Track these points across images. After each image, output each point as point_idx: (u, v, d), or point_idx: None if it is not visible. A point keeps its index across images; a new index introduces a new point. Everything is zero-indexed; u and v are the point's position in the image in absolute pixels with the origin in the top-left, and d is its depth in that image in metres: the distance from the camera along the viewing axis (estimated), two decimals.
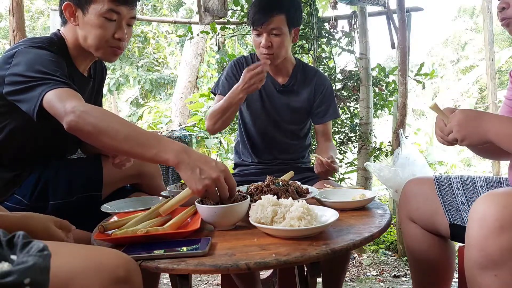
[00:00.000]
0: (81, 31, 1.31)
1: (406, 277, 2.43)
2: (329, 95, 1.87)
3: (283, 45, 1.71)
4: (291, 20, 1.71)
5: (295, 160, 1.90)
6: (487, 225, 0.87)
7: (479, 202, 0.92)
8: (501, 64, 9.71)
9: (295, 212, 0.96)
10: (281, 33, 1.69)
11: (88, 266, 0.72)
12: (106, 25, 1.28)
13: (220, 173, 1.00)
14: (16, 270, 0.41)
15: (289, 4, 1.70)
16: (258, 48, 1.74)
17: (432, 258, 1.34)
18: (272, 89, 1.85)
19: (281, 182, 1.28)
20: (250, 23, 1.71)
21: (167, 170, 3.15)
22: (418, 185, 1.37)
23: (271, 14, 1.65)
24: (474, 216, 0.91)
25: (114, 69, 9.33)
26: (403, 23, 2.66)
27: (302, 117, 1.88)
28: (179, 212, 1.12)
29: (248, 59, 1.91)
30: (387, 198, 3.66)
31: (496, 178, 1.32)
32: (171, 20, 4.93)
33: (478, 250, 0.89)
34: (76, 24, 1.31)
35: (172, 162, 1.01)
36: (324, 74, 2.07)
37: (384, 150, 2.96)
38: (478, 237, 0.89)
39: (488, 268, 0.87)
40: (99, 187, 1.40)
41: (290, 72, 1.86)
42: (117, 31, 1.31)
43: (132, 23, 1.38)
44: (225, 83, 1.86)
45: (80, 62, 1.39)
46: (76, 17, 1.30)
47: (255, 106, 1.85)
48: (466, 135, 1.03)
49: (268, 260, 0.83)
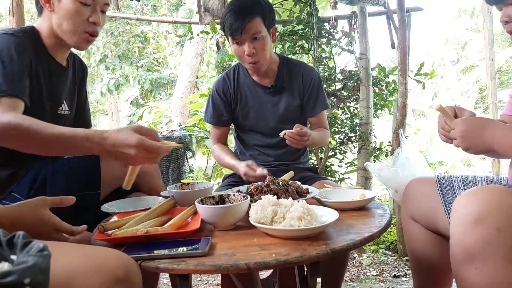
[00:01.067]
0: (56, 18, 1.33)
1: (406, 277, 2.43)
2: (317, 86, 1.86)
3: (266, 48, 1.70)
4: (267, 20, 1.70)
5: (294, 160, 1.90)
6: (464, 221, 0.91)
7: (458, 199, 0.96)
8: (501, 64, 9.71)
9: (295, 212, 0.97)
10: (262, 36, 1.68)
11: (88, 266, 0.72)
12: (81, 9, 1.31)
13: (136, 150, 1.00)
14: (16, 270, 0.41)
15: (261, 5, 1.69)
16: (242, 57, 1.72)
17: (433, 257, 1.34)
18: (262, 94, 1.84)
19: (281, 182, 1.28)
20: (229, 34, 1.68)
21: (167, 170, 3.15)
22: (420, 185, 1.37)
23: (247, 19, 1.63)
24: (454, 214, 0.96)
25: (114, 69, 9.33)
26: (403, 23, 2.66)
27: (296, 114, 1.86)
28: (179, 212, 1.12)
29: (230, 75, 1.88)
30: (387, 198, 3.66)
31: (497, 177, 1.32)
32: (171, 20, 4.93)
33: (457, 246, 0.92)
34: (51, 10, 1.33)
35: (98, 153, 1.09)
36: (310, 65, 2.05)
37: (384, 150, 2.96)
38: (457, 234, 0.93)
39: (468, 262, 0.90)
40: (98, 185, 1.40)
41: (275, 71, 1.85)
42: (92, 15, 1.33)
43: (106, 9, 1.40)
44: (213, 113, 1.88)
45: (56, 51, 1.41)
46: (51, 3, 1.32)
47: (249, 116, 1.85)
48: (470, 145, 1.07)
49: (268, 260, 0.83)
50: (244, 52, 1.68)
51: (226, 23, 1.68)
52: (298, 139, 1.56)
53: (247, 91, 1.86)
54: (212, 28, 3.13)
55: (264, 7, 1.70)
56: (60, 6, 1.31)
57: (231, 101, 1.87)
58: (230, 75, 1.89)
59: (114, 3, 2.78)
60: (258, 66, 1.73)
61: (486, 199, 0.90)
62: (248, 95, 1.85)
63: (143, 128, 1.06)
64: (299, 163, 1.91)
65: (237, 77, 1.88)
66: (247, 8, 1.65)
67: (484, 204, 0.89)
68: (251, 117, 1.85)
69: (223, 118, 1.88)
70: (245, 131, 1.90)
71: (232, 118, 1.89)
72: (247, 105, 1.85)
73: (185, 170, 3.30)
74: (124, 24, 9.19)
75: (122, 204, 1.33)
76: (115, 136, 1.01)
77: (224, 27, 1.70)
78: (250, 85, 1.85)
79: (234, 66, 1.93)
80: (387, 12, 2.94)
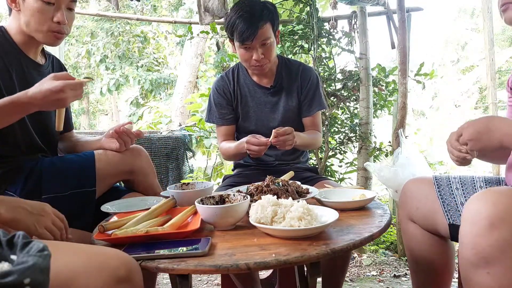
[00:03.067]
0: (23, 17, 1.34)
1: (406, 277, 2.43)
2: (315, 86, 1.86)
3: (273, 52, 1.72)
4: (275, 25, 1.72)
5: (294, 160, 1.90)
6: (478, 223, 0.88)
7: (471, 201, 0.94)
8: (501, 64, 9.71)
9: (295, 212, 0.97)
10: (270, 41, 1.69)
11: (89, 265, 0.72)
12: (44, 8, 1.32)
13: (64, 93, 1.13)
14: (16, 270, 0.41)
15: (270, 10, 1.69)
16: (248, 61, 1.72)
17: (432, 258, 1.34)
18: (261, 95, 1.85)
19: (281, 182, 1.28)
20: (239, 40, 1.67)
21: (167, 170, 3.15)
22: (418, 185, 1.37)
23: (259, 25, 1.63)
24: (466, 215, 0.93)
25: (114, 69, 9.33)
26: (403, 23, 2.66)
27: (295, 115, 1.86)
28: (179, 212, 1.12)
29: (229, 76, 1.88)
30: (387, 198, 3.66)
31: (496, 178, 1.32)
32: (171, 20, 4.93)
33: (470, 248, 0.90)
34: (18, 10, 1.34)
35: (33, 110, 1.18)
36: (309, 66, 2.05)
37: (384, 150, 2.96)
38: (470, 236, 0.90)
39: (480, 266, 0.88)
40: (93, 182, 1.41)
41: (274, 71, 1.85)
42: (56, 14, 1.33)
43: (73, 6, 1.41)
44: (216, 112, 1.87)
45: (28, 48, 1.41)
46: (17, 3, 1.34)
47: (249, 116, 1.86)
48: (482, 147, 1.05)
49: (268, 260, 0.83)
50: (252, 57, 1.69)
51: (236, 29, 1.66)
52: (283, 139, 1.56)
53: (246, 92, 1.86)
54: (212, 28, 3.12)
55: (273, 12, 1.70)
56: (25, 6, 1.33)
57: (232, 101, 1.87)
58: (230, 75, 1.89)
59: (114, 3, 2.78)
60: (263, 69, 1.74)
61: (502, 203, 0.88)
62: (248, 96, 1.85)
63: (57, 74, 1.17)
64: (299, 163, 1.91)
65: (237, 78, 1.88)
66: (258, 15, 1.65)
67: (500, 208, 0.87)
68: (251, 118, 1.86)
69: (227, 117, 1.86)
70: (245, 132, 1.88)
71: (235, 117, 1.88)
72: (247, 105, 1.86)
73: (185, 170, 3.30)
74: (124, 24, 9.20)
75: (122, 204, 1.33)
76: (43, 89, 1.11)
77: (233, 32, 1.69)
78: (250, 86, 1.86)
79: (233, 67, 1.93)
80: (387, 12, 2.94)
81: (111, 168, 1.46)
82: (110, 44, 9.22)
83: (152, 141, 3.16)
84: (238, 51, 1.73)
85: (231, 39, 1.76)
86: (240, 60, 1.78)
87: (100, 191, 1.44)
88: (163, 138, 3.25)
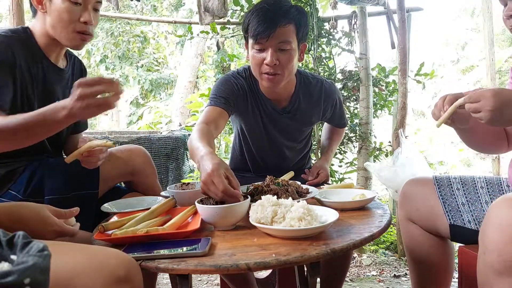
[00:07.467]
0: (49, 19, 1.34)
1: (406, 277, 2.43)
2: (339, 105, 1.78)
3: (291, 63, 1.43)
4: (301, 32, 1.45)
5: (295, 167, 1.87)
6: (507, 230, 0.85)
7: (497, 206, 0.91)
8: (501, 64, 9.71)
9: (295, 213, 0.96)
10: (290, 48, 1.42)
11: (89, 265, 0.72)
12: (72, 9, 1.31)
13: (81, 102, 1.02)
14: (16, 270, 0.41)
15: (298, 13, 1.44)
16: (259, 66, 1.44)
17: (432, 258, 1.34)
18: (273, 113, 1.63)
19: (281, 182, 1.28)
20: (252, 35, 1.41)
21: (167, 170, 3.15)
22: (417, 186, 1.37)
23: (279, 23, 1.37)
24: (493, 220, 0.89)
25: (114, 69, 9.33)
26: (403, 23, 2.66)
27: (307, 132, 1.79)
28: (179, 212, 1.12)
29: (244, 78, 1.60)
30: (387, 198, 3.66)
31: (496, 178, 1.32)
32: (171, 20, 4.93)
33: (496, 255, 0.87)
34: (44, 11, 1.34)
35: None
36: (330, 83, 1.74)
37: (384, 150, 2.96)
38: (497, 243, 0.87)
39: (505, 274, 0.86)
40: (96, 184, 1.41)
41: (291, 92, 1.61)
42: (83, 14, 1.33)
43: (99, 7, 1.40)
44: (225, 92, 1.55)
45: (50, 51, 1.41)
46: (43, 4, 1.33)
47: (256, 132, 1.68)
48: (500, 120, 1.01)
49: (268, 260, 0.83)
50: (263, 60, 1.42)
51: (251, 23, 1.40)
52: (316, 181, 1.64)
53: (258, 105, 1.63)
54: (212, 28, 3.13)
55: (301, 15, 1.46)
56: (51, 7, 1.32)
57: (239, 101, 1.60)
58: (244, 78, 1.62)
59: (114, 3, 2.78)
60: (275, 80, 1.45)
61: None
62: (256, 110, 1.63)
63: None
64: (300, 166, 1.89)
65: (251, 87, 1.62)
66: (283, 11, 1.39)
67: None
68: (258, 132, 1.68)
69: (230, 105, 1.54)
70: (250, 144, 1.74)
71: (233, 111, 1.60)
72: (257, 118, 1.64)
73: (185, 170, 3.30)
74: (124, 24, 9.19)
75: (122, 204, 1.33)
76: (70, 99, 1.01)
77: (248, 27, 1.43)
78: (261, 100, 1.62)
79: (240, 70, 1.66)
80: (387, 12, 2.95)
81: (115, 171, 1.47)
82: (110, 44, 9.22)
83: (152, 141, 3.16)
84: (250, 52, 1.47)
85: (246, 38, 1.50)
86: (251, 65, 1.51)
87: (101, 192, 1.45)
88: (163, 138, 3.25)
